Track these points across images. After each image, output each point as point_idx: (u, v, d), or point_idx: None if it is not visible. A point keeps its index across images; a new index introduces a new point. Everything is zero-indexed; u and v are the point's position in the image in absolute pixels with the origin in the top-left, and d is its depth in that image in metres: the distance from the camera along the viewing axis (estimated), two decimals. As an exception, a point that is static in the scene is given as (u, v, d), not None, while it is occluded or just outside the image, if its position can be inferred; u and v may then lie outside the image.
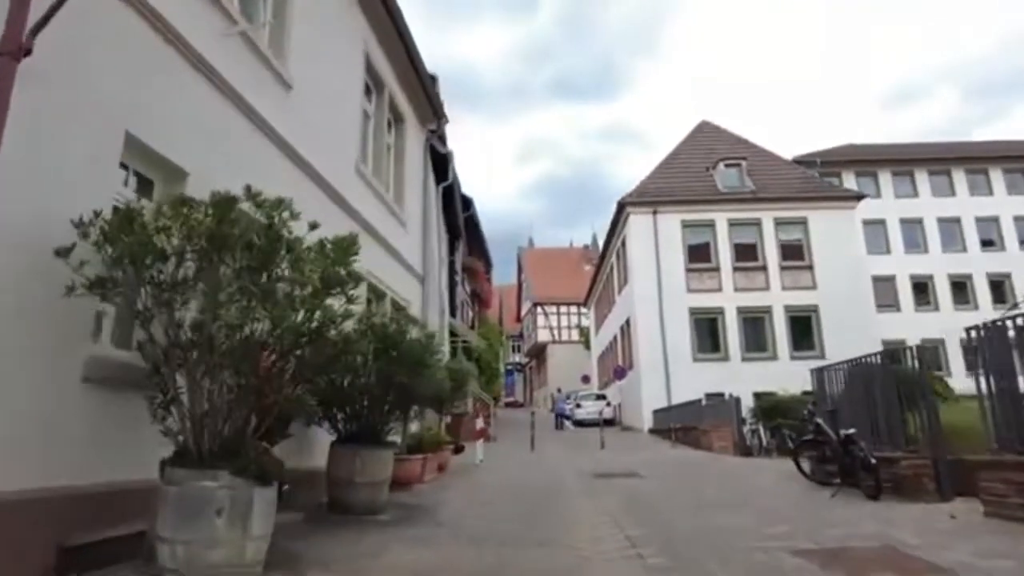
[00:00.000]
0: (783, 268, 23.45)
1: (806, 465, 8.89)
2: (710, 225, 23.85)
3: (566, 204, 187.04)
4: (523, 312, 55.88)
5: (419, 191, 12.87)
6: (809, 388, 20.97)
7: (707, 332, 23.04)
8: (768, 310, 23.01)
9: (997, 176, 33.44)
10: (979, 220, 32.57)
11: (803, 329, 23.07)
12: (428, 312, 12.58)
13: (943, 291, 31.83)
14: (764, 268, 23.46)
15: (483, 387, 23.10)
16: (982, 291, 31.71)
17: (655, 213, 23.69)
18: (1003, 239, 32.50)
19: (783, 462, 12.83)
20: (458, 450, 13.73)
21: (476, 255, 25.72)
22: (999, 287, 31.78)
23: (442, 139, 15.05)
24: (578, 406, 27.71)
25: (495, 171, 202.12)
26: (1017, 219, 32.57)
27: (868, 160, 33.38)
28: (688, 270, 23.41)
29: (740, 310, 23.00)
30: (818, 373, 9.58)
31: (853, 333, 22.37)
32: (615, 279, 27.95)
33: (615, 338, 28.76)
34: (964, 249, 32.38)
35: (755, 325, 23.10)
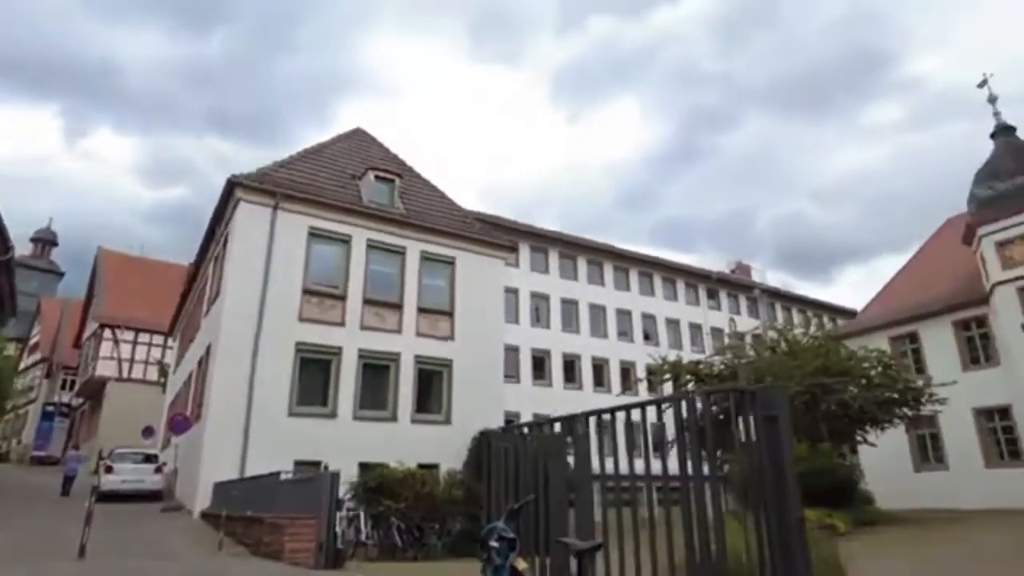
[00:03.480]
0: (422, 311, 19.41)
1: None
2: (346, 241, 18.65)
3: (198, 237, 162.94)
4: (85, 335, 41.77)
5: None
6: (430, 461, 16.93)
7: (316, 377, 17.27)
8: (396, 358, 18.47)
9: (608, 271, 36.55)
10: (592, 307, 34.72)
11: (431, 386, 19.13)
12: None
13: (557, 368, 32.39)
14: (400, 307, 19.08)
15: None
16: (587, 372, 33.29)
17: (276, 208, 17.52)
18: (606, 327, 35.07)
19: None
20: None
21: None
22: (600, 371, 33.84)
23: None
24: (108, 469, 18.53)
25: (116, 182, 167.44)
26: (619, 312, 35.69)
27: (511, 229, 33.07)
28: (306, 292, 17.59)
29: (363, 353, 17.95)
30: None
31: (482, 399, 19.32)
32: (207, 293, 20.43)
33: (191, 376, 20.86)
34: (577, 331, 33.85)
35: (378, 375, 18.25)
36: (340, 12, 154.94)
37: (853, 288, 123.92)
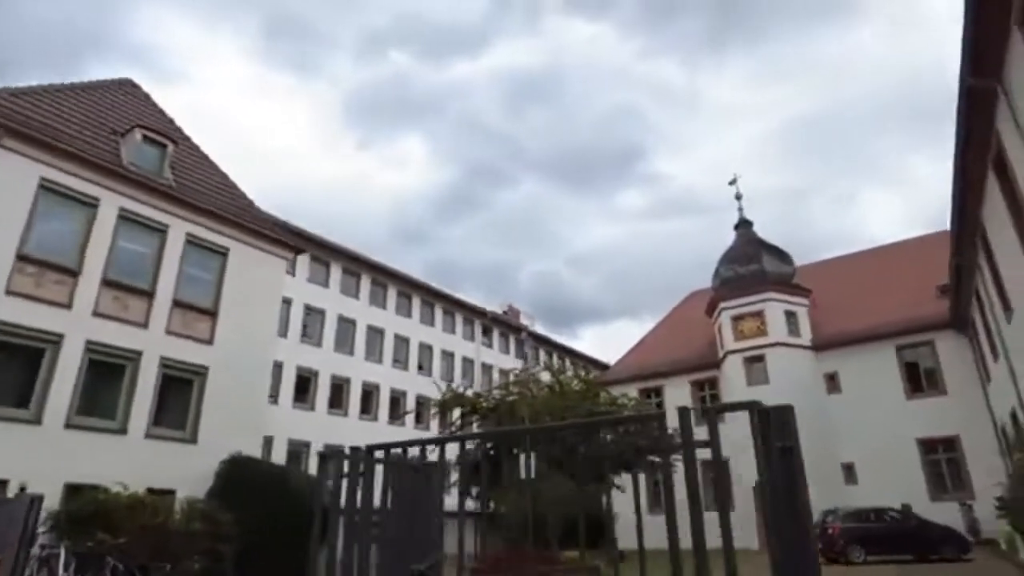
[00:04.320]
0: (178, 304, 16.30)
1: None
2: (92, 205, 15.01)
3: None
4: None
5: None
6: (166, 486, 13.95)
7: (21, 369, 13.29)
8: (137, 357, 15.11)
9: (392, 295, 35.30)
10: (371, 329, 33.04)
11: (178, 397, 16.01)
12: None
13: (324, 391, 29.95)
14: (151, 296, 15.81)
15: None
16: (355, 398, 31.32)
17: (-4, 146, 13.47)
18: (382, 352, 33.59)
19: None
20: None
21: None
22: (369, 397, 32.09)
23: None
24: None
25: None
26: (398, 337, 34.50)
27: (294, 232, 30.29)
28: (23, 258, 13.64)
29: (92, 346, 14.34)
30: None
31: (239, 418, 16.68)
32: None
33: None
34: (351, 353, 31.84)
35: (109, 376, 14.70)
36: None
37: (592, 344, 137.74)
